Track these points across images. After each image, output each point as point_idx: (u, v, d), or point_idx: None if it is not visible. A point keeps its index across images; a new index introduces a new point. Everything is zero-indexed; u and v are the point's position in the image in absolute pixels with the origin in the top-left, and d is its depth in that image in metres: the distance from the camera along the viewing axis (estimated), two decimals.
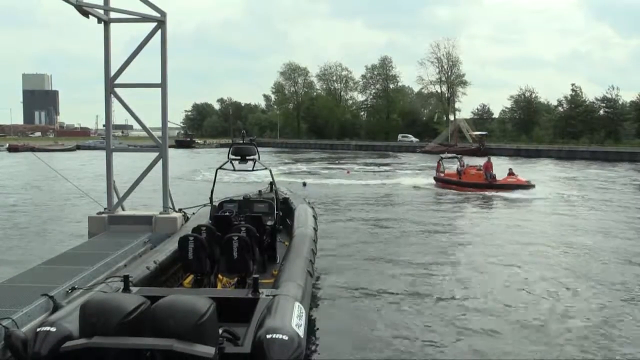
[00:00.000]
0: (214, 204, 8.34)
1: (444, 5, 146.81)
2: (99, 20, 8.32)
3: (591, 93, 78.13)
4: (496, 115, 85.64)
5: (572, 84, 74.49)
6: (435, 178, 24.45)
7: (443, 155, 25.51)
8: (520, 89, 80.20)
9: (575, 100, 72.51)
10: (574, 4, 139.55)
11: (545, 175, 23.93)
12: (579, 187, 24.36)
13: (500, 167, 23.48)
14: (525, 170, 21.39)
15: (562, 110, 73.98)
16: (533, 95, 79.21)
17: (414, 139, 72.17)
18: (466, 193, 20.88)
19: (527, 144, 64.25)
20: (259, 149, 7.98)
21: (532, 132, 73.32)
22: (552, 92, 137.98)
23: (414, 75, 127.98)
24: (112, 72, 8.51)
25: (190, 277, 6.24)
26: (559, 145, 61.56)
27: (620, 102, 70.54)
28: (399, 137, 73.73)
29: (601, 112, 71.06)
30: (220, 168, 8.00)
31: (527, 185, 19.97)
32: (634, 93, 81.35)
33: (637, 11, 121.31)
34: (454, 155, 25.02)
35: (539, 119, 75.83)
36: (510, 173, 21.10)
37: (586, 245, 11.40)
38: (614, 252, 10.74)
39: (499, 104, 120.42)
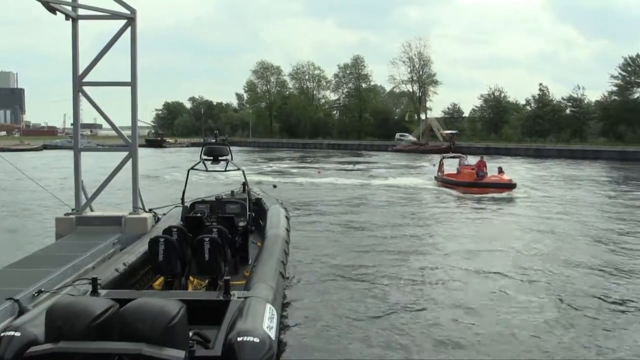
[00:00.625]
0: (185, 204, 8.25)
1: (415, 5, 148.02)
2: (67, 16, 8.15)
3: (558, 93, 79.78)
4: (466, 114, 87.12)
5: (540, 84, 76.17)
6: (435, 177, 24.78)
7: (445, 155, 25.79)
8: (490, 89, 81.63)
9: (542, 99, 74.16)
10: (540, 6, 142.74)
11: (516, 175, 24.29)
12: (549, 185, 24.87)
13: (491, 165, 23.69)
14: (495, 169, 21.55)
15: (530, 109, 75.54)
16: (502, 95, 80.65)
17: (413, 138, 71.74)
18: (452, 192, 21.28)
19: (496, 143, 65.29)
20: (231, 148, 7.93)
21: (501, 131, 74.71)
22: (520, 91, 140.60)
23: (385, 74, 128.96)
24: (81, 70, 8.35)
25: (161, 279, 6.16)
26: (527, 144, 62.81)
27: (585, 102, 72.48)
28: (397, 136, 71.14)
29: (567, 111, 72.86)
30: (192, 168, 7.93)
31: (509, 184, 20.21)
32: (598, 93, 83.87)
33: (599, 13, 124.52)
34: (457, 155, 25.07)
35: (508, 118, 77.32)
36: (500, 171, 21.41)
37: (555, 242, 11.67)
38: (584, 247, 11.01)
39: (469, 103, 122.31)
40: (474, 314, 6.94)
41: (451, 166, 23.76)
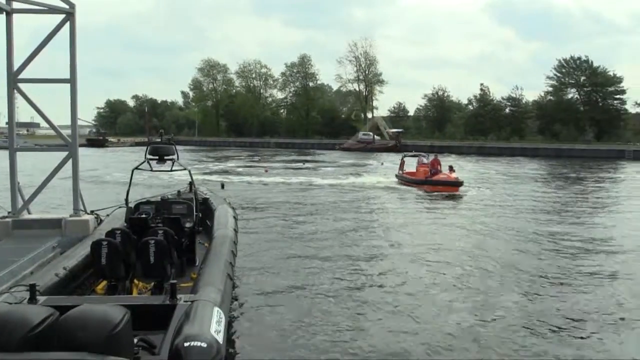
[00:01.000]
0: (129, 205, 8.01)
1: (360, 5, 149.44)
2: (0, 10, 7.76)
3: (498, 92, 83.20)
4: (411, 113, 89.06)
5: (481, 84, 78.93)
6: (396, 175, 25.16)
7: (407, 154, 26.23)
8: (434, 88, 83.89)
9: (483, 99, 76.79)
10: (480, 8, 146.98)
11: (461, 172, 24.98)
12: (492, 182, 25.70)
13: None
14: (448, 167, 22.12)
15: (472, 108, 78.02)
16: (445, 95, 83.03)
17: (377, 137, 71.54)
18: (411, 189, 21.72)
19: (440, 141, 67.00)
20: (177, 147, 7.77)
21: (445, 130, 76.79)
22: (462, 91, 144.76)
23: (332, 73, 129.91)
24: (16, 66, 7.97)
25: (104, 283, 5.96)
26: (469, 142, 64.79)
27: (523, 101, 75.64)
28: (360, 134, 70.68)
29: (507, 110, 75.79)
30: (136, 168, 7.70)
31: (456, 182, 20.67)
32: (535, 93, 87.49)
33: (535, 17, 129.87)
34: (417, 153, 25.45)
35: (451, 117, 79.64)
36: (451, 170, 21.91)
37: (490, 238, 12.11)
38: (519, 242, 11.46)
39: (413, 103, 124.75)
40: (405, 312, 7.08)
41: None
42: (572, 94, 72.66)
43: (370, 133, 70.29)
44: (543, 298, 7.64)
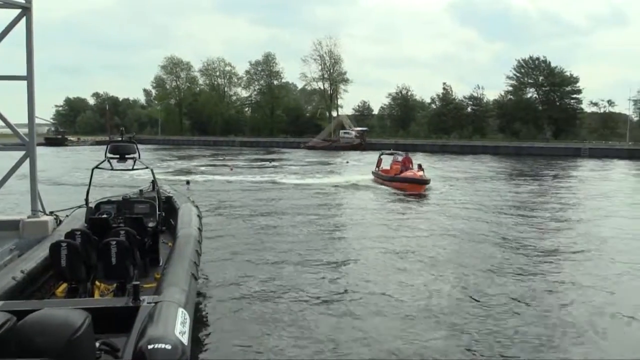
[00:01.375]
0: (89, 205, 7.82)
1: (325, 4, 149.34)
2: None
3: (460, 92, 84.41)
4: (376, 111, 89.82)
5: (444, 83, 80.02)
6: (373, 173, 25.23)
7: (384, 151, 26.30)
8: (398, 87, 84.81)
9: (446, 98, 78.09)
10: (443, 9, 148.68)
11: (426, 170, 25.31)
12: (456, 179, 26.16)
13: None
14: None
15: (435, 107, 79.19)
16: (409, 93, 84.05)
17: (352, 132, 68.96)
18: (381, 187, 21.96)
19: (404, 139, 67.75)
20: (139, 146, 7.63)
21: (408, 128, 77.73)
22: (426, 90, 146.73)
23: (297, 71, 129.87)
24: None
25: (64, 286, 5.80)
26: (433, 140, 65.75)
27: (485, 101, 77.25)
28: (341, 133, 69.20)
29: (469, 109, 77.27)
30: (96, 167, 7.52)
31: (422, 180, 20.82)
32: (496, 92, 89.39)
33: (497, 18, 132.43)
34: (394, 152, 25.50)
35: (415, 116, 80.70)
36: (420, 168, 22.13)
37: (456, 231, 12.34)
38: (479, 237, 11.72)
39: (378, 102, 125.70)
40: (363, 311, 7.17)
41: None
42: (531, 93, 74.77)
43: (352, 132, 70.42)
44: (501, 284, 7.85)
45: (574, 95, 71.83)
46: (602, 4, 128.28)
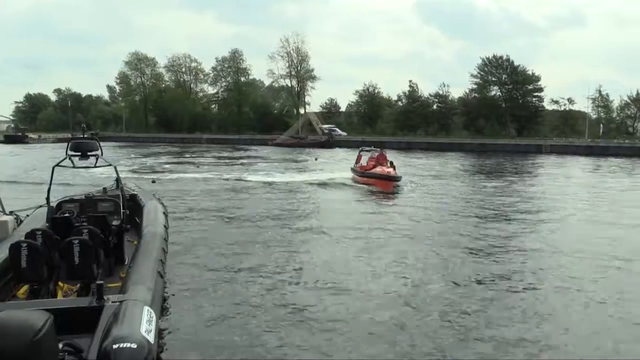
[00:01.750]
0: (51, 204, 7.64)
1: (292, 2, 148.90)
2: None
3: (426, 89, 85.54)
4: (343, 109, 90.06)
5: (410, 81, 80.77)
6: (351, 169, 25.02)
7: (364, 148, 25.84)
8: (365, 85, 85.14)
9: (412, 95, 78.94)
10: (408, 8, 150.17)
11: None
12: (422, 176, 26.46)
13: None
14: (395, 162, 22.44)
15: (401, 104, 80.00)
16: (376, 91, 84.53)
17: (342, 133, 70.45)
18: (355, 185, 21.97)
19: (371, 136, 68.16)
20: (103, 143, 7.48)
21: (375, 125, 78.33)
22: (392, 88, 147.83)
23: (264, 68, 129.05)
24: None
25: (25, 288, 5.66)
26: (399, 137, 66.41)
27: (450, 98, 78.40)
28: (325, 127, 69.74)
29: (434, 107, 78.25)
30: (57, 165, 7.35)
31: (388, 177, 20.79)
32: (460, 90, 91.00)
33: (459, 17, 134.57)
34: (373, 148, 25.11)
35: (382, 113, 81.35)
36: (391, 165, 22.20)
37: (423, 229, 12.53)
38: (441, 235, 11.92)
39: (345, 99, 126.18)
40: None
41: None
42: (495, 91, 76.20)
43: (337, 129, 70.54)
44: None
45: (536, 94, 73.60)
46: (561, 5, 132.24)
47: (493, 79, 75.46)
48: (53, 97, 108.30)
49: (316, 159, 39.55)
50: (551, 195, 19.49)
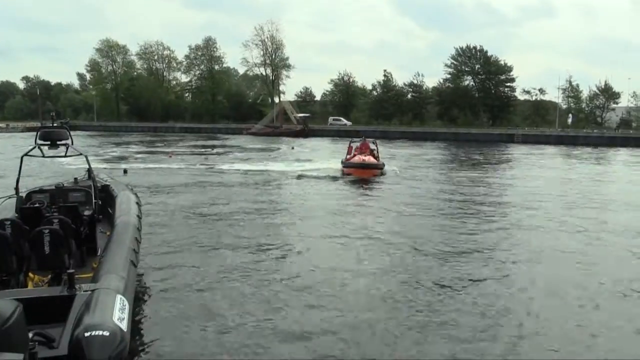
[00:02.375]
0: (20, 194, 7.50)
1: None
2: None
3: (400, 79, 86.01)
4: (318, 97, 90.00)
5: (385, 70, 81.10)
6: (341, 162, 24.13)
7: (354, 139, 24.92)
8: (339, 74, 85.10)
9: (387, 85, 79.23)
10: None
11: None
12: (397, 164, 26.60)
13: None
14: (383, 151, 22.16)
15: (376, 94, 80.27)
16: (351, 80, 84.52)
17: (347, 122, 69.90)
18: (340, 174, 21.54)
19: (346, 127, 68.34)
20: (74, 132, 7.35)
21: (350, 114, 78.47)
22: (367, 77, 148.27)
23: (239, 57, 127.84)
24: None
25: None
26: (374, 126, 66.67)
27: (424, 88, 78.96)
28: (330, 120, 69.79)
29: (409, 96, 78.76)
30: (26, 155, 7.21)
31: (364, 165, 20.73)
32: (435, 79, 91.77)
33: (433, 8, 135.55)
34: (362, 139, 24.39)
35: (357, 102, 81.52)
36: (371, 152, 22.04)
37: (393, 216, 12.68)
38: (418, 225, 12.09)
39: (320, 88, 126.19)
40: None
41: None
42: (468, 81, 76.97)
43: (342, 118, 69.95)
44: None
45: (508, 84, 74.76)
46: None
47: (466, 69, 76.19)
48: (21, 85, 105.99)
49: (293, 148, 39.64)
50: (525, 185, 19.85)
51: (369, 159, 21.13)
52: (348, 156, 22.96)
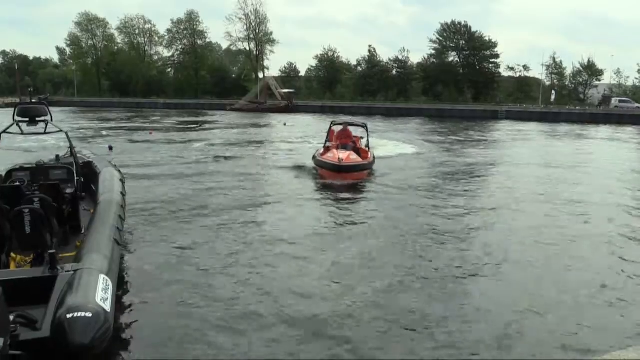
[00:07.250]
0: (0, 173, 7.36)
1: None
2: None
3: (385, 54, 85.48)
4: (302, 73, 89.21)
5: (369, 46, 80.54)
6: (313, 156, 22.08)
7: (335, 121, 20.24)
8: (324, 49, 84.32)
9: (371, 60, 78.74)
10: None
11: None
12: (383, 141, 26.56)
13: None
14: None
15: (360, 70, 79.77)
16: (335, 55, 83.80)
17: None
18: None
19: (331, 101, 68.09)
20: (54, 108, 7.18)
21: (335, 90, 78.10)
22: (351, 53, 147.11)
23: (222, 31, 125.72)
24: None
25: None
26: (358, 103, 66.50)
27: (409, 64, 78.59)
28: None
29: (394, 72, 78.38)
30: (4, 132, 7.04)
31: (337, 166, 19.14)
32: (420, 55, 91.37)
33: None
34: (348, 122, 21.43)
35: (341, 78, 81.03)
36: (354, 149, 20.84)
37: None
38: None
39: (304, 63, 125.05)
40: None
41: None
42: (452, 57, 76.84)
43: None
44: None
45: (493, 60, 74.74)
46: None
47: (451, 44, 75.97)
48: None
49: (285, 124, 39.64)
50: (510, 157, 20.00)
51: (349, 156, 14.63)
52: (323, 149, 16.66)
